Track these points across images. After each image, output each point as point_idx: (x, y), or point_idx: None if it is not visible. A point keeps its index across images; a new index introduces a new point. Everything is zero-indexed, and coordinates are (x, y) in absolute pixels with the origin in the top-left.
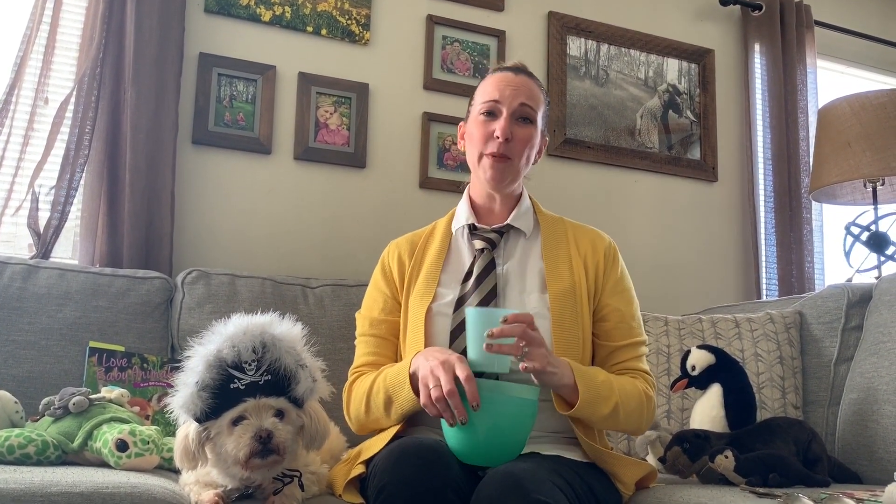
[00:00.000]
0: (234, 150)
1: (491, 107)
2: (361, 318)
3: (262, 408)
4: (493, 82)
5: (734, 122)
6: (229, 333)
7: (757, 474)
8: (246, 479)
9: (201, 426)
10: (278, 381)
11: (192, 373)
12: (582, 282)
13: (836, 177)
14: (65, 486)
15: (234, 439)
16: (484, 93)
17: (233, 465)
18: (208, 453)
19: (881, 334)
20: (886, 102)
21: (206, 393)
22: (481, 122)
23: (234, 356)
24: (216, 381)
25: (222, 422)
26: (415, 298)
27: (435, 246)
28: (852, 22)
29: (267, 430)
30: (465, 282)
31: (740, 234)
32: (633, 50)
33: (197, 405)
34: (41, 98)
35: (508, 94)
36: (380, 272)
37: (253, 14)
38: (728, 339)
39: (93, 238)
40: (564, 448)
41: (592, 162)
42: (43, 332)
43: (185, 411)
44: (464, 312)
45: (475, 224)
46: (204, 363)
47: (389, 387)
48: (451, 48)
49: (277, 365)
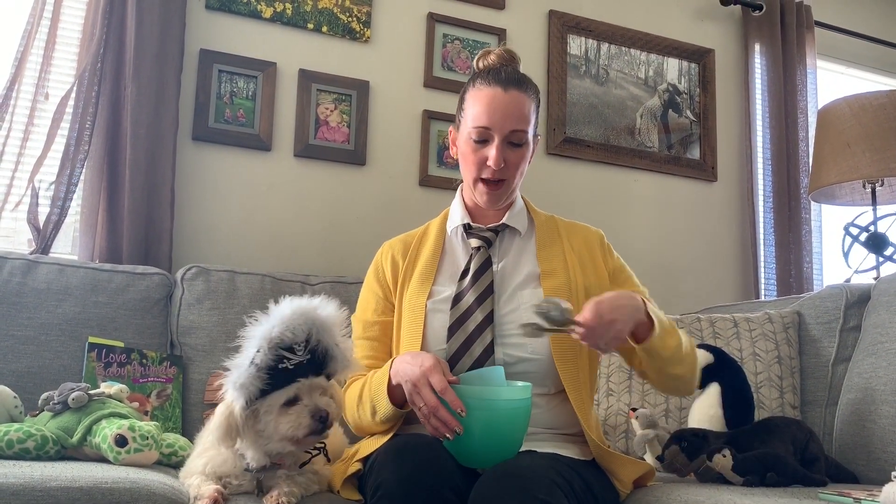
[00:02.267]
0: (235, 147)
1: (482, 133)
2: (356, 321)
3: (313, 387)
4: (484, 103)
5: (734, 121)
6: (286, 316)
7: (754, 473)
8: (276, 454)
9: (249, 405)
10: (316, 359)
11: (251, 353)
12: (578, 277)
13: (835, 177)
14: (64, 481)
15: (292, 419)
16: (474, 115)
17: (281, 441)
18: (249, 431)
19: (879, 335)
20: (886, 103)
21: (263, 373)
22: (473, 148)
23: (291, 339)
24: (266, 362)
25: (274, 401)
26: (410, 296)
27: (429, 245)
28: (852, 22)
29: (325, 410)
30: (462, 279)
31: (739, 233)
32: (633, 49)
33: (255, 385)
34: (41, 93)
35: (498, 120)
36: (373, 273)
37: (254, 11)
38: (726, 339)
39: (92, 233)
40: (562, 445)
41: (592, 161)
42: (42, 327)
43: (241, 391)
44: (461, 310)
45: (470, 223)
46: (267, 344)
47: (373, 397)
48: (452, 46)
49: (318, 345)
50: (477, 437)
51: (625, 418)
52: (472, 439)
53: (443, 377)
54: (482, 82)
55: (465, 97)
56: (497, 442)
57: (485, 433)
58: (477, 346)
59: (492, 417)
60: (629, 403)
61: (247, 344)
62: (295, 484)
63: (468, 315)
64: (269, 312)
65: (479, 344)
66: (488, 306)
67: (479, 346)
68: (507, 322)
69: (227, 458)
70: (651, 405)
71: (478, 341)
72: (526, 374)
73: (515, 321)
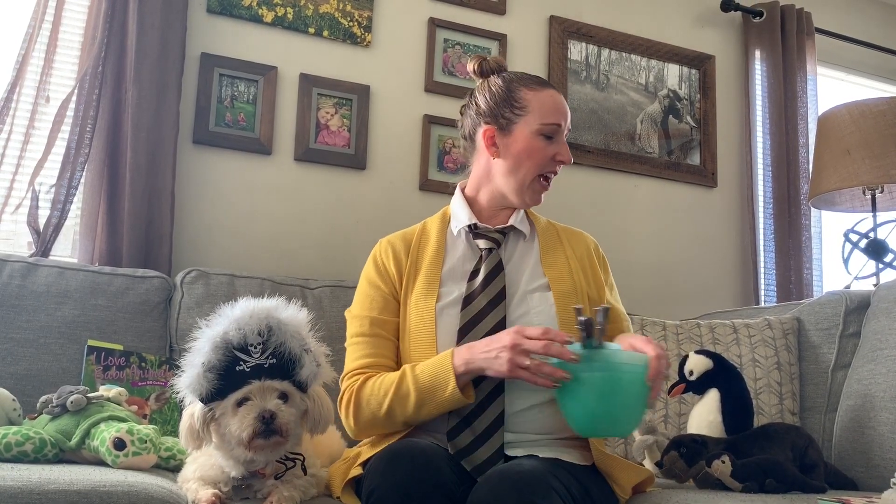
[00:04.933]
0: (235, 151)
1: (553, 130)
2: (358, 319)
3: (266, 390)
4: (553, 103)
5: (734, 127)
6: (236, 316)
7: (753, 480)
8: (249, 461)
9: (206, 407)
10: (283, 364)
11: (198, 354)
12: (581, 283)
13: (835, 184)
14: (62, 485)
15: (238, 419)
16: (544, 112)
17: (236, 445)
18: (213, 434)
19: (879, 341)
20: (886, 110)
21: (212, 374)
22: (543, 144)
23: (240, 338)
24: (222, 363)
25: (227, 403)
26: (416, 297)
27: (431, 245)
28: (853, 29)
29: (270, 411)
30: (472, 280)
31: (739, 239)
32: (633, 55)
33: (203, 385)
34: (42, 96)
35: (564, 117)
36: (374, 270)
37: (255, 15)
38: (726, 345)
39: (92, 236)
40: (562, 450)
41: (592, 166)
42: (41, 329)
43: (190, 391)
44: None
45: (477, 223)
46: (210, 344)
47: (425, 388)
48: (453, 51)
49: (282, 349)
50: (593, 396)
51: None
52: (588, 398)
53: (539, 331)
54: (536, 84)
55: (518, 96)
56: (611, 408)
57: (601, 394)
58: None
59: (608, 378)
60: None
61: (196, 345)
62: (294, 488)
63: (480, 318)
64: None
65: None
66: (501, 311)
67: None
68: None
69: (215, 465)
70: (650, 411)
71: None
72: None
73: (526, 325)
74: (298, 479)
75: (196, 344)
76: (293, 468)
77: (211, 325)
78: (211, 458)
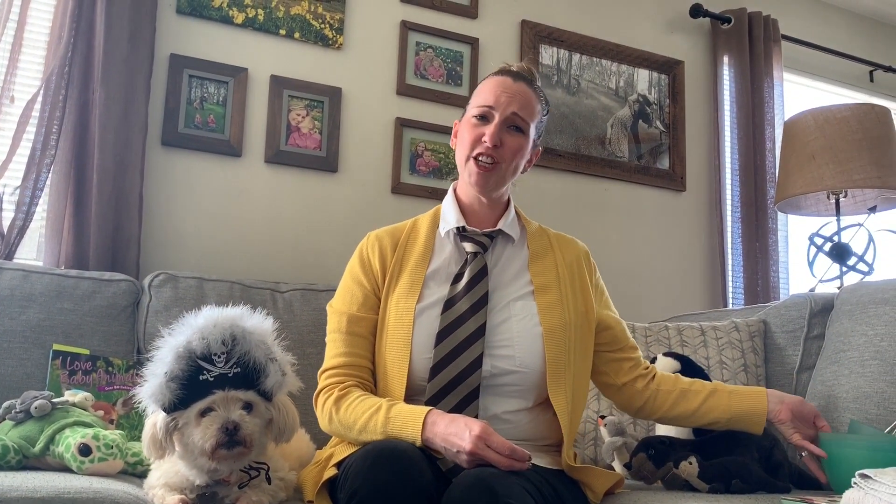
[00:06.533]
0: (204, 153)
1: (484, 111)
2: (337, 314)
3: (230, 400)
4: (491, 86)
5: (703, 132)
6: (199, 325)
7: (720, 480)
8: (212, 470)
9: (169, 416)
10: (248, 374)
11: (160, 363)
12: (568, 292)
13: (800, 188)
14: (25, 492)
15: (202, 430)
16: (480, 96)
17: (199, 455)
18: (176, 444)
19: (842, 343)
20: (849, 117)
21: (175, 384)
22: (472, 125)
23: (204, 348)
24: (185, 373)
25: (190, 413)
26: (398, 296)
27: (419, 244)
28: (818, 37)
29: (234, 422)
30: (455, 283)
31: (707, 242)
32: (604, 60)
33: (165, 395)
34: (7, 97)
35: (503, 101)
36: (358, 264)
37: (225, 16)
38: (694, 347)
39: (58, 239)
40: (536, 455)
41: (563, 170)
42: (5, 334)
43: (153, 401)
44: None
45: (465, 226)
46: (173, 354)
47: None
48: (425, 54)
49: (247, 358)
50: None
51: (594, 426)
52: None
53: (505, 448)
54: (494, 74)
55: (475, 91)
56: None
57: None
58: (465, 355)
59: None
60: (598, 411)
61: (158, 354)
62: (262, 492)
63: (460, 323)
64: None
65: (468, 354)
66: (482, 317)
67: (467, 356)
68: (498, 333)
69: (179, 472)
70: (619, 413)
71: (467, 351)
72: (511, 387)
73: (506, 332)
74: (265, 484)
75: (158, 353)
76: (257, 477)
77: (174, 333)
78: (175, 465)
